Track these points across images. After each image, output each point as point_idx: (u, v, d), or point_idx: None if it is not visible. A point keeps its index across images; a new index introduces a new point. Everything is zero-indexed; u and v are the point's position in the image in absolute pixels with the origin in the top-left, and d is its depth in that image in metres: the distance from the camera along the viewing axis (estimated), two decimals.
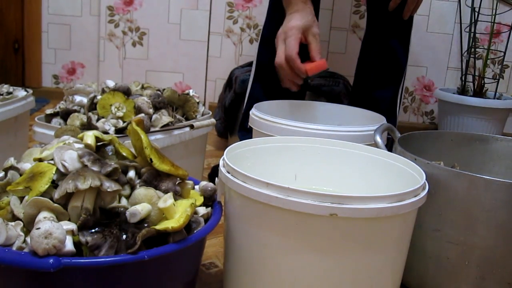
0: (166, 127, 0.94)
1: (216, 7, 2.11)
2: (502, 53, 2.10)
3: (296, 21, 1.03)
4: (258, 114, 0.99)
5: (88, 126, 0.87)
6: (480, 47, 2.14)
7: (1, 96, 1.01)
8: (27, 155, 0.65)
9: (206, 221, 0.62)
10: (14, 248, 0.52)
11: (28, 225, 0.53)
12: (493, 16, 2.02)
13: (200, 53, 2.16)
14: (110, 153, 0.64)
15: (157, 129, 0.93)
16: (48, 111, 0.97)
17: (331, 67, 2.04)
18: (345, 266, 0.58)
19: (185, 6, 2.12)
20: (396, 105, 1.33)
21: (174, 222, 0.54)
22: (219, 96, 1.78)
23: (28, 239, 0.52)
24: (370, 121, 1.06)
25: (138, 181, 0.62)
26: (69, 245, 0.50)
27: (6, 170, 0.62)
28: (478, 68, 2.10)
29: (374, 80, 1.30)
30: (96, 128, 0.86)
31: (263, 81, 1.30)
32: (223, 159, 0.66)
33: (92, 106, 0.94)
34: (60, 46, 2.27)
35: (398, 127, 0.93)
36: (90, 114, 0.90)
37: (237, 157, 0.72)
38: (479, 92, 2.04)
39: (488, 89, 2.06)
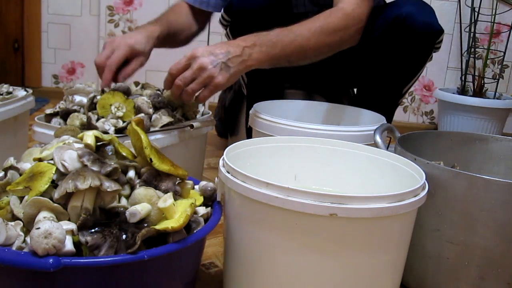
0: (166, 127, 0.94)
1: None
2: (502, 53, 2.11)
3: (129, 38, 1.03)
4: (258, 114, 0.99)
5: (88, 126, 0.87)
6: (480, 47, 2.14)
7: (1, 96, 1.01)
8: (27, 155, 0.65)
9: (206, 221, 0.62)
10: (13, 248, 0.52)
11: (28, 225, 0.53)
12: (493, 16, 2.02)
13: None
14: (110, 153, 0.64)
15: (157, 129, 0.93)
16: (48, 111, 0.97)
17: None
18: (345, 266, 0.58)
19: None
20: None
21: (174, 222, 0.54)
22: (219, 96, 1.78)
23: (28, 239, 0.52)
24: (370, 121, 1.06)
25: (138, 181, 0.62)
26: (69, 245, 0.50)
27: (6, 170, 0.62)
28: (478, 68, 2.10)
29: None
30: (96, 128, 0.86)
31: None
32: (223, 159, 0.66)
33: (92, 106, 0.94)
34: (60, 46, 2.27)
35: (398, 127, 0.93)
36: (90, 114, 0.90)
37: (237, 157, 0.72)
38: (479, 92, 2.04)
39: (488, 89, 2.07)
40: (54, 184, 0.56)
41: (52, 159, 0.59)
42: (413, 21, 1.10)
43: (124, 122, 0.90)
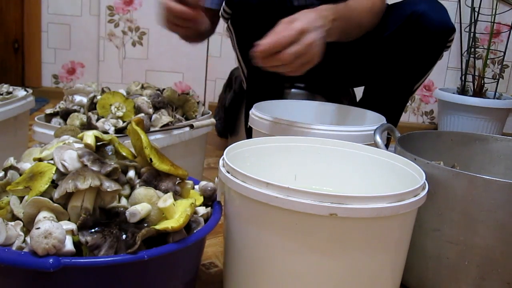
0: (166, 127, 0.94)
1: None
2: (502, 53, 2.11)
3: None
4: (258, 114, 0.99)
5: (88, 126, 0.87)
6: (480, 47, 2.14)
7: (1, 96, 1.01)
8: (26, 155, 0.65)
9: (206, 221, 0.62)
10: (14, 248, 0.52)
11: (28, 225, 0.53)
12: (493, 16, 2.02)
13: (200, 53, 2.16)
14: (110, 153, 0.64)
15: (157, 129, 0.93)
16: (48, 111, 0.97)
17: None
18: (345, 266, 0.58)
19: None
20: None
21: (174, 222, 0.54)
22: (219, 96, 1.78)
23: (28, 239, 0.52)
24: (370, 121, 1.06)
25: (138, 181, 0.62)
26: (68, 245, 0.50)
27: (6, 170, 0.62)
28: (478, 68, 2.10)
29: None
30: (96, 128, 0.86)
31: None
32: (223, 159, 0.66)
33: (92, 106, 0.94)
34: (60, 46, 2.27)
35: (398, 127, 0.93)
36: (90, 114, 0.90)
37: (237, 157, 0.72)
38: (479, 92, 2.04)
39: (488, 89, 2.07)
40: (54, 184, 0.56)
41: (52, 159, 0.59)
42: (428, 19, 1.12)
43: (124, 122, 0.90)
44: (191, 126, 1.00)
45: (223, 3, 1.22)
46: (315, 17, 0.88)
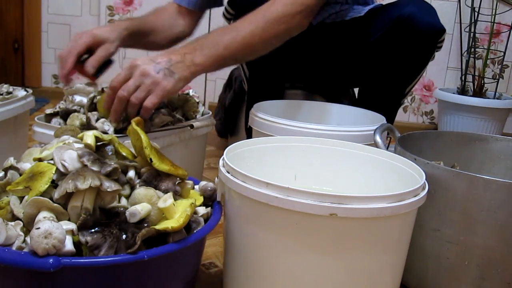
0: (166, 127, 0.94)
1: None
2: (502, 53, 2.11)
3: (92, 29, 1.00)
4: (258, 114, 0.99)
5: (87, 126, 0.87)
6: (480, 47, 2.14)
7: (1, 96, 1.01)
8: (27, 155, 0.65)
9: (206, 221, 0.62)
10: (14, 248, 0.52)
11: (28, 225, 0.53)
12: (493, 16, 2.02)
13: None
14: (110, 153, 0.64)
15: (157, 129, 0.93)
16: (48, 111, 0.97)
17: None
18: (345, 266, 0.58)
19: None
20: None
21: (174, 222, 0.54)
22: (219, 96, 1.78)
23: (28, 239, 0.52)
24: (370, 121, 1.06)
25: (138, 181, 0.62)
26: (69, 245, 0.50)
27: (6, 170, 0.62)
28: (478, 68, 2.10)
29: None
30: (95, 128, 0.86)
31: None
32: (223, 159, 0.66)
33: (92, 106, 0.94)
34: (60, 46, 2.27)
35: (398, 127, 0.93)
36: (89, 114, 0.90)
37: (237, 157, 0.72)
38: (479, 92, 2.04)
39: (488, 89, 2.07)
40: (54, 184, 0.56)
41: (52, 159, 0.59)
42: (415, 21, 1.10)
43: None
44: (191, 126, 1.00)
45: (226, 3, 1.21)
46: (157, 55, 0.88)
